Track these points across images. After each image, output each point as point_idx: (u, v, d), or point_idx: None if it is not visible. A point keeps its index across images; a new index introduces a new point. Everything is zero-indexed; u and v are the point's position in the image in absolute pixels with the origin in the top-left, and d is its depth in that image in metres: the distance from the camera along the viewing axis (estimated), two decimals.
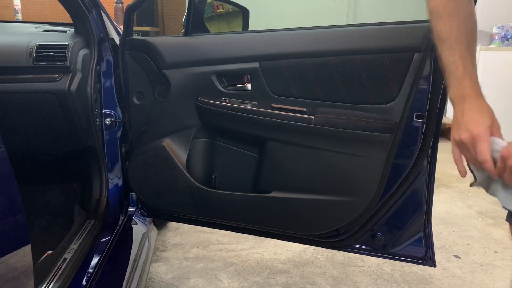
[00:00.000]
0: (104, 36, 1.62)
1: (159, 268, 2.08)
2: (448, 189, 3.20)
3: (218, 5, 2.78)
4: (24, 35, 1.68)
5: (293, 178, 1.41)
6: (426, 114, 1.33)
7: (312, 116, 1.32)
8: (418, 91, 1.30)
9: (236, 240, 2.37)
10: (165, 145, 1.50)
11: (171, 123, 1.51)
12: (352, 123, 1.31)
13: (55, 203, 1.86)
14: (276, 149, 1.40)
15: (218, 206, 1.50)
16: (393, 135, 1.30)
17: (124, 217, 1.69)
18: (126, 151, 1.65)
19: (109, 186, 1.62)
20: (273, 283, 1.98)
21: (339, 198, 1.38)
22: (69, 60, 1.52)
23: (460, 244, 2.37)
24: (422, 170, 1.39)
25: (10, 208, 0.79)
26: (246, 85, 1.49)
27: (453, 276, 2.07)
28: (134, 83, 1.55)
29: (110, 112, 1.62)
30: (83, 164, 1.69)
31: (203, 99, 1.46)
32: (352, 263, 2.16)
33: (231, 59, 1.45)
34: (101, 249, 1.44)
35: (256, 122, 1.39)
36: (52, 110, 1.55)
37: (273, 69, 1.39)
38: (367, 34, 1.36)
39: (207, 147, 1.52)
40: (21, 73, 1.53)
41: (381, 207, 1.42)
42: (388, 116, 1.30)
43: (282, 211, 1.45)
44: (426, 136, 1.34)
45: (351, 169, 1.35)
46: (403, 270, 2.09)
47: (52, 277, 1.19)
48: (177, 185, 1.50)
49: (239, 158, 1.49)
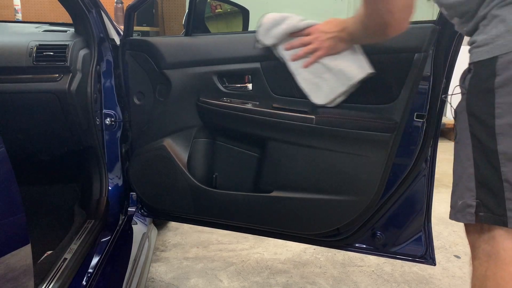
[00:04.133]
0: (104, 36, 1.62)
1: (159, 268, 2.08)
2: (448, 189, 3.17)
3: (216, 5, 2.78)
4: (24, 35, 1.68)
5: (294, 177, 1.41)
6: (426, 114, 1.33)
7: (313, 116, 1.32)
8: (418, 91, 1.30)
9: (236, 240, 2.36)
10: (166, 145, 1.50)
11: (171, 123, 1.51)
12: (352, 123, 1.31)
13: (55, 203, 1.86)
14: (277, 149, 1.40)
15: (219, 205, 1.50)
16: (393, 134, 1.30)
17: (124, 217, 1.69)
18: (126, 151, 1.65)
19: (109, 186, 1.62)
20: (273, 283, 1.98)
21: (340, 198, 1.38)
22: (69, 60, 1.52)
23: (460, 244, 2.37)
24: (422, 170, 1.39)
25: (10, 208, 0.79)
26: (247, 85, 1.49)
27: (453, 276, 2.07)
28: (135, 83, 1.55)
29: (110, 112, 1.62)
30: (83, 164, 1.69)
31: (204, 99, 1.46)
32: (352, 263, 2.16)
33: (232, 59, 1.45)
34: (101, 249, 1.44)
35: (257, 122, 1.39)
36: (52, 110, 1.55)
37: (274, 69, 1.39)
38: None
39: (208, 147, 1.52)
40: (21, 73, 1.53)
41: (382, 206, 1.42)
42: (389, 116, 1.31)
43: (283, 210, 1.45)
44: (426, 136, 1.35)
45: (351, 169, 1.35)
46: (403, 270, 2.09)
47: (52, 277, 1.19)
48: (177, 185, 1.50)
49: (240, 158, 1.49)
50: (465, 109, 0.91)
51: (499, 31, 0.85)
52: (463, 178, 0.94)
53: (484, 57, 0.87)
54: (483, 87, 0.87)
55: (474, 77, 0.90)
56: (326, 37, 1.27)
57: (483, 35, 0.88)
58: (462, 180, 0.95)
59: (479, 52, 0.88)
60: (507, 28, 0.84)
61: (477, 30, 0.91)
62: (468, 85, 0.92)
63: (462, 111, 0.93)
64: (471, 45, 0.92)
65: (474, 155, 0.90)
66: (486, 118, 0.87)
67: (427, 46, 1.25)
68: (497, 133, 0.85)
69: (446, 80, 1.32)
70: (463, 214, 0.93)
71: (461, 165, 0.95)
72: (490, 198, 0.88)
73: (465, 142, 0.92)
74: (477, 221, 0.90)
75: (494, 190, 0.87)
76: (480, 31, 0.89)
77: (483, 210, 0.89)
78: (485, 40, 0.87)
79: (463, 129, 0.93)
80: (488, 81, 0.86)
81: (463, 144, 0.93)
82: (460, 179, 0.96)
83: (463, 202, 0.93)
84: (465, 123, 0.91)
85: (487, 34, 0.87)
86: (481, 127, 0.88)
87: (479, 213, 0.89)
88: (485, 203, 0.89)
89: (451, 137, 4.62)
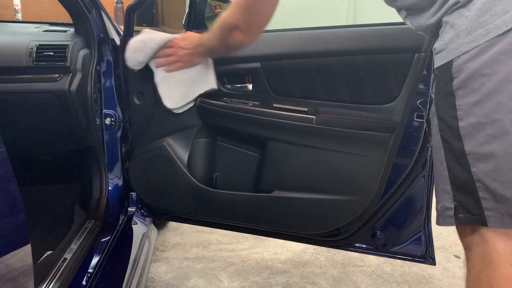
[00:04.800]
0: (104, 36, 1.62)
1: (159, 268, 2.08)
2: None
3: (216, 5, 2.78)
4: (24, 35, 1.68)
5: (294, 177, 1.42)
6: (426, 114, 1.33)
7: (314, 116, 1.33)
8: (418, 91, 1.31)
9: (236, 240, 2.36)
10: (166, 145, 1.50)
11: (172, 123, 1.51)
12: (353, 123, 1.31)
13: (55, 203, 1.85)
14: (277, 148, 1.40)
15: (219, 205, 1.50)
16: (393, 134, 1.31)
17: (124, 217, 1.69)
18: (126, 151, 1.65)
19: (109, 186, 1.62)
20: (273, 283, 1.98)
21: (340, 198, 1.38)
22: (69, 60, 1.52)
23: (460, 244, 2.34)
24: (422, 170, 1.39)
25: (10, 208, 0.79)
26: (247, 85, 1.49)
27: (453, 276, 2.07)
28: (135, 83, 1.55)
29: (110, 112, 1.62)
30: (83, 164, 1.69)
31: (204, 99, 1.46)
32: (352, 263, 2.16)
33: (232, 59, 1.45)
34: (101, 249, 1.44)
35: (257, 122, 1.39)
36: (52, 110, 1.55)
37: (274, 69, 1.40)
38: (368, 35, 1.37)
39: (208, 147, 1.52)
40: (21, 73, 1.53)
41: (382, 206, 1.42)
42: (389, 116, 1.31)
43: (283, 210, 1.45)
44: (426, 136, 1.35)
45: (352, 169, 1.36)
46: (403, 270, 2.09)
47: (52, 277, 1.19)
48: (178, 185, 1.50)
49: (240, 158, 1.49)
50: (435, 114, 0.94)
51: (450, 36, 0.89)
52: (439, 181, 0.96)
53: (442, 62, 0.91)
54: (445, 91, 0.90)
55: (437, 82, 0.94)
56: (183, 52, 1.39)
57: (439, 41, 0.92)
58: (438, 183, 0.97)
59: (438, 58, 0.92)
60: (456, 32, 0.88)
61: (438, 37, 0.95)
62: (434, 90, 0.95)
63: (433, 116, 0.96)
64: (434, 51, 0.96)
65: (446, 158, 0.92)
66: (451, 121, 0.89)
67: (427, 46, 1.26)
68: (462, 134, 0.87)
69: None
70: (443, 218, 0.94)
71: (437, 169, 0.97)
72: (466, 199, 0.89)
73: (438, 146, 0.94)
74: (457, 223, 0.92)
75: (469, 191, 0.88)
76: (439, 38, 0.94)
77: (462, 211, 0.90)
78: (441, 46, 0.91)
79: (435, 133, 0.95)
80: (448, 85, 0.89)
81: (436, 148, 0.96)
82: (437, 183, 0.98)
83: (442, 205, 0.94)
84: (436, 127, 0.94)
85: (442, 40, 0.91)
86: (448, 130, 0.90)
87: (459, 214, 0.91)
88: (462, 205, 0.90)
89: None
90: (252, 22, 1.21)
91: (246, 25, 1.21)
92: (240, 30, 1.21)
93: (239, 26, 1.21)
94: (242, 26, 1.21)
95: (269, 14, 1.19)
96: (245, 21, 1.20)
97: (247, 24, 1.21)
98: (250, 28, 1.22)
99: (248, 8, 1.18)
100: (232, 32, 1.22)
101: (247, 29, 1.21)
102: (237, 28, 1.21)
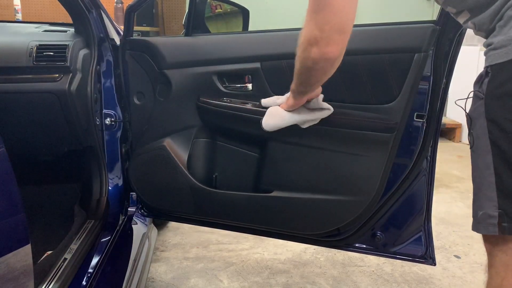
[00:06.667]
0: (104, 36, 1.62)
1: (159, 268, 2.08)
2: (448, 189, 3.20)
3: (216, 5, 2.78)
4: (24, 35, 1.68)
5: (294, 177, 1.42)
6: (426, 114, 1.33)
7: None
8: (418, 91, 1.30)
9: (236, 240, 2.36)
10: (166, 145, 1.50)
11: (172, 123, 1.51)
12: (353, 123, 1.31)
13: (55, 203, 1.86)
14: (277, 148, 1.40)
15: (219, 205, 1.50)
16: (393, 134, 1.31)
17: (124, 217, 1.69)
18: (126, 151, 1.65)
19: (109, 186, 1.62)
20: (273, 283, 1.98)
21: (340, 198, 1.38)
22: (69, 60, 1.52)
23: (460, 244, 2.37)
24: (422, 170, 1.39)
25: (10, 208, 0.79)
26: (247, 85, 1.49)
27: (453, 276, 2.07)
28: (135, 83, 1.55)
29: (110, 112, 1.62)
30: (83, 164, 1.69)
31: (204, 99, 1.46)
32: (352, 263, 2.16)
33: (232, 59, 1.45)
34: (101, 249, 1.44)
35: (257, 122, 1.39)
36: (52, 110, 1.55)
37: (274, 69, 1.39)
38: (368, 35, 1.36)
39: (208, 147, 1.52)
40: (21, 73, 1.53)
41: (382, 206, 1.42)
42: (389, 116, 1.31)
43: (283, 210, 1.45)
44: (426, 136, 1.35)
45: (352, 169, 1.36)
46: (403, 270, 2.09)
47: (52, 277, 1.19)
48: (178, 185, 1.50)
49: (240, 158, 1.49)
50: (483, 115, 0.87)
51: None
52: (483, 187, 0.90)
53: (503, 60, 0.83)
54: (502, 91, 0.83)
55: (492, 81, 0.86)
56: None
57: (500, 36, 0.84)
58: (481, 189, 0.91)
59: (496, 54, 0.84)
60: None
61: (494, 31, 0.87)
62: (485, 89, 0.87)
63: (479, 117, 0.88)
64: (487, 47, 0.88)
65: (494, 163, 0.86)
66: (505, 124, 0.83)
67: (427, 46, 1.26)
68: None
69: (446, 80, 1.32)
70: (484, 225, 0.90)
71: (480, 174, 0.91)
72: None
73: (484, 150, 0.88)
74: (500, 232, 0.87)
75: None
76: (497, 32, 0.86)
77: (507, 220, 0.85)
78: (502, 41, 0.83)
79: (481, 136, 0.88)
80: (506, 85, 0.82)
81: (481, 152, 0.89)
82: (479, 189, 0.92)
83: (484, 212, 0.89)
84: (484, 129, 0.87)
85: (505, 36, 0.83)
86: (502, 134, 0.84)
87: (502, 223, 0.86)
88: (508, 213, 0.85)
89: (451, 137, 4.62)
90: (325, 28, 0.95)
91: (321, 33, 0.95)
92: (316, 42, 0.96)
93: (315, 36, 0.95)
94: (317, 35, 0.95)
95: (346, 12, 0.94)
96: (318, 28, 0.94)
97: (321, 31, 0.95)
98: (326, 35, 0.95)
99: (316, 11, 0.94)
100: (308, 48, 0.98)
101: (324, 38, 0.95)
102: (314, 40, 0.96)
